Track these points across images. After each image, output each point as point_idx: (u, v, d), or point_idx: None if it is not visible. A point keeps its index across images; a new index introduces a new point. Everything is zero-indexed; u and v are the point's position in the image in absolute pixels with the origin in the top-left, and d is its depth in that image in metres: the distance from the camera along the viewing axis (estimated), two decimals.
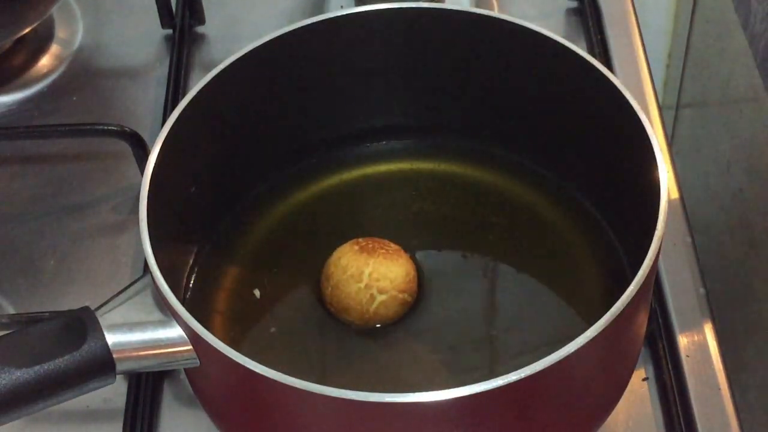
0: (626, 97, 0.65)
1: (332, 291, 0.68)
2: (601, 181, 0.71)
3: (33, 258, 0.80)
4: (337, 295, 0.68)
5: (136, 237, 0.80)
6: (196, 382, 0.65)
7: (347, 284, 0.67)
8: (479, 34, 0.71)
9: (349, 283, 0.67)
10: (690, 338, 0.74)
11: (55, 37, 0.96)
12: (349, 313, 0.68)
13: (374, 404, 0.54)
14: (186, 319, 0.58)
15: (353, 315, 0.68)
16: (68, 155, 0.87)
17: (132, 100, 0.91)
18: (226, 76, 0.68)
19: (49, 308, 0.76)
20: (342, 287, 0.67)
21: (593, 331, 0.55)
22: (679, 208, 0.81)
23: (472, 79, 0.74)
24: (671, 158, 0.84)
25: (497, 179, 0.76)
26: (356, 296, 0.67)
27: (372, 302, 0.67)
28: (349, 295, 0.67)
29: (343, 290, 0.67)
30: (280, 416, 0.59)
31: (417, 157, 0.77)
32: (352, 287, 0.67)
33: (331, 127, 0.76)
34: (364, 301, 0.67)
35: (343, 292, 0.67)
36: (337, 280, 0.68)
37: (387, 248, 0.69)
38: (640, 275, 0.57)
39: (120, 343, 0.59)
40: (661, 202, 0.61)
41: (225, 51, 0.89)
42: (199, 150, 0.69)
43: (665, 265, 0.77)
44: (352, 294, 0.67)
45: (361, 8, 0.71)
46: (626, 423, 0.70)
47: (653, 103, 0.88)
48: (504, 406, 0.57)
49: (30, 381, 0.57)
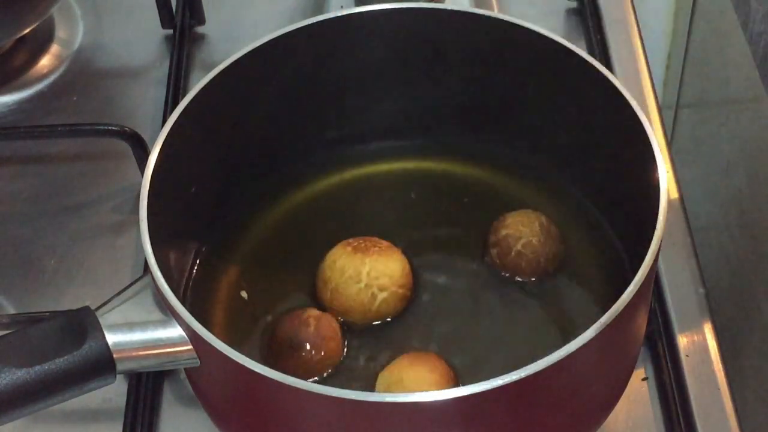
0: (626, 97, 0.65)
1: (332, 295, 0.68)
2: (601, 181, 0.71)
3: (33, 258, 0.80)
4: (338, 298, 0.68)
5: (136, 237, 0.80)
6: (196, 382, 0.65)
7: (347, 286, 0.67)
8: (479, 34, 0.71)
9: (349, 284, 0.67)
10: (690, 338, 0.74)
11: (55, 37, 0.96)
12: (351, 314, 0.68)
13: (374, 404, 0.54)
14: (186, 319, 0.58)
15: (355, 316, 0.68)
16: (68, 155, 0.87)
17: (132, 100, 0.91)
18: (226, 76, 0.68)
19: (49, 308, 0.76)
20: (342, 290, 0.67)
21: (593, 331, 0.55)
22: (679, 208, 0.81)
23: (471, 79, 0.74)
24: (671, 158, 0.84)
25: (497, 179, 0.76)
26: (357, 297, 0.67)
27: (374, 301, 0.67)
28: (350, 297, 0.67)
29: (343, 293, 0.67)
30: (280, 416, 0.59)
31: (417, 157, 0.77)
32: (353, 288, 0.67)
33: (331, 127, 0.76)
34: (366, 301, 0.67)
35: (344, 294, 0.67)
36: (336, 283, 0.68)
37: (379, 246, 0.69)
38: (640, 275, 0.57)
39: (120, 343, 0.59)
40: (661, 202, 0.61)
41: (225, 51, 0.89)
42: (199, 150, 0.69)
43: (665, 265, 0.77)
44: (353, 295, 0.67)
45: (361, 8, 0.71)
46: (626, 423, 0.70)
47: (653, 103, 0.88)
48: (504, 406, 0.57)
49: (30, 381, 0.57)
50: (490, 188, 0.75)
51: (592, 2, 0.94)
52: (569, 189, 0.74)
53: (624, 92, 0.65)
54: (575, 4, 0.95)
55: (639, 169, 0.64)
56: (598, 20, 0.93)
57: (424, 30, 0.72)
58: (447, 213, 0.75)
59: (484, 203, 0.74)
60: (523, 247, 0.69)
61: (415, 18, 0.71)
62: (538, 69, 0.71)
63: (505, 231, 0.69)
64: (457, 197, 0.75)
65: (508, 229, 0.69)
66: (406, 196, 0.76)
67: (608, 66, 0.89)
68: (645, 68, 0.91)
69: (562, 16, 0.95)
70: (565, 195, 0.74)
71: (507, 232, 0.69)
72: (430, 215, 0.75)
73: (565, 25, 0.94)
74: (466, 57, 0.73)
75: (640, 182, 0.64)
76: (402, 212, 0.75)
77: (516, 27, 0.70)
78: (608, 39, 0.92)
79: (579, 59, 0.68)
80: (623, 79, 0.77)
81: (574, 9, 0.95)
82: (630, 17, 0.95)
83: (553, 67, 0.70)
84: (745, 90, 1.04)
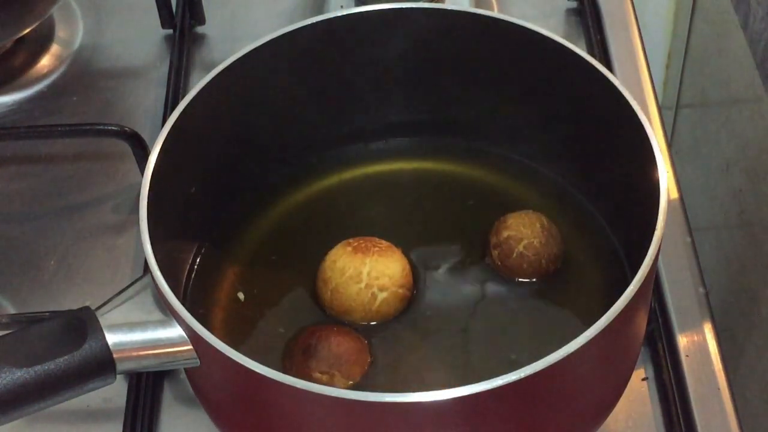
0: (626, 97, 0.65)
1: (332, 295, 0.68)
2: (601, 181, 0.71)
3: (33, 258, 0.80)
4: (338, 298, 0.68)
5: (136, 237, 0.80)
6: (196, 382, 0.65)
7: (347, 286, 0.67)
8: (479, 34, 0.71)
9: (349, 284, 0.67)
10: (690, 338, 0.74)
11: (55, 37, 0.96)
12: (351, 315, 0.68)
13: (374, 404, 0.54)
14: (186, 319, 0.58)
15: (356, 316, 0.68)
16: (68, 155, 0.87)
17: (132, 100, 0.91)
18: (226, 76, 0.68)
19: (49, 308, 0.76)
20: (342, 290, 0.67)
21: (593, 330, 0.55)
22: (679, 208, 0.81)
23: (471, 79, 0.74)
24: (671, 158, 0.84)
25: (497, 179, 0.76)
26: (357, 297, 0.67)
27: (374, 301, 0.67)
28: (351, 297, 0.67)
29: (343, 293, 0.67)
30: (280, 416, 0.59)
31: (417, 157, 0.77)
32: (353, 289, 0.67)
33: (331, 126, 0.76)
34: (366, 301, 0.67)
35: (344, 294, 0.67)
36: (336, 284, 0.68)
37: (379, 246, 0.69)
38: (639, 275, 0.57)
39: (120, 343, 0.59)
40: (661, 202, 0.61)
41: (225, 51, 0.89)
42: (199, 150, 0.69)
43: (665, 265, 0.77)
44: (353, 295, 0.67)
45: (361, 8, 0.71)
46: (626, 423, 0.70)
47: (653, 103, 0.88)
48: (504, 406, 0.57)
49: (30, 381, 0.57)
50: (490, 188, 0.75)
51: (592, 2, 0.94)
52: (569, 189, 0.74)
53: (624, 92, 0.65)
54: (575, 4, 0.95)
55: (639, 169, 0.64)
56: (598, 20, 0.93)
57: (424, 30, 0.72)
58: (447, 213, 0.75)
59: (484, 204, 0.74)
60: (524, 248, 0.69)
61: (415, 18, 0.71)
62: (538, 69, 0.71)
63: (507, 232, 0.69)
64: (457, 197, 0.75)
65: (510, 231, 0.69)
66: (406, 196, 0.76)
67: (608, 66, 0.89)
68: (645, 68, 0.91)
69: (562, 16, 0.95)
70: (565, 195, 0.74)
71: (508, 233, 0.69)
72: (430, 215, 0.75)
73: (565, 25, 0.94)
74: (465, 57, 0.73)
75: (640, 182, 0.64)
76: (402, 212, 0.75)
77: (516, 27, 0.70)
78: (608, 39, 0.92)
79: (579, 59, 0.68)
80: (623, 79, 0.77)
81: (574, 9, 0.95)
82: (630, 17, 0.95)
83: (553, 67, 0.70)
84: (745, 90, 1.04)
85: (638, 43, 0.93)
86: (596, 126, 0.69)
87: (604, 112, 0.68)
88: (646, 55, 0.92)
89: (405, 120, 0.77)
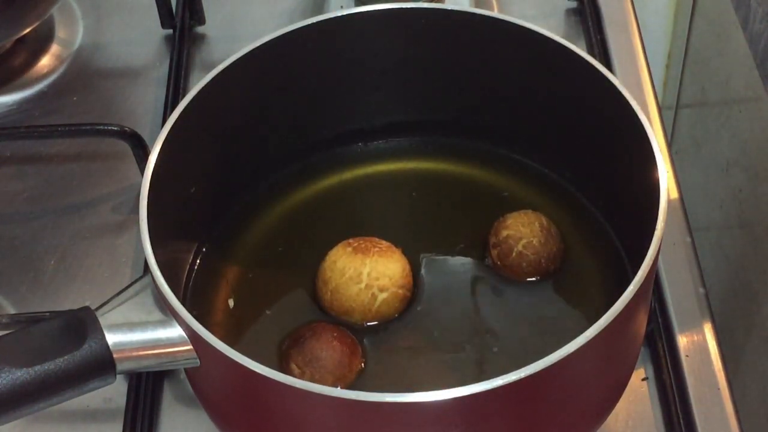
0: (626, 98, 0.65)
1: (332, 295, 0.68)
2: (601, 181, 0.71)
3: (33, 258, 0.80)
4: (338, 298, 0.68)
5: (136, 237, 0.80)
6: (196, 382, 0.65)
7: (347, 287, 0.67)
8: (479, 34, 0.71)
9: (349, 285, 0.67)
10: (690, 338, 0.74)
11: (55, 37, 0.96)
12: (351, 315, 0.68)
13: (374, 404, 0.54)
14: (186, 319, 0.58)
15: (355, 316, 0.68)
16: (68, 155, 0.87)
17: (132, 100, 0.91)
18: (226, 76, 0.68)
19: (49, 308, 0.76)
20: (342, 290, 0.67)
21: (593, 330, 0.55)
22: (679, 208, 0.81)
23: (471, 79, 0.74)
24: (671, 158, 0.84)
25: (497, 179, 0.76)
26: (357, 297, 0.67)
27: (374, 302, 0.67)
28: (351, 297, 0.67)
29: (343, 293, 0.67)
30: (280, 416, 0.59)
31: (417, 157, 0.77)
32: (353, 289, 0.67)
33: (331, 126, 0.76)
34: (366, 301, 0.67)
35: (344, 295, 0.67)
36: (336, 284, 0.68)
37: (380, 246, 0.69)
38: (639, 275, 0.57)
39: (120, 343, 0.59)
40: (661, 202, 0.61)
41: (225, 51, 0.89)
42: (199, 150, 0.69)
43: (665, 265, 0.77)
44: (353, 296, 0.67)
45: (361, 8, 0.71)
46: (626, 423, 0.70)
47: (653, 103, 0.88)
48: (504, 406, 0.57)
49: (30, 381, 0.57)
50: (490, 188, 0.75)
51: (592, 2, 0.94)
52: (569, 189, 0.74)
53: (624, 92, 0.65)
54: (575, 4, 0.95)
55: (639, 169, 0.64)
56: (598, 20, 0.93)
57: (424, 30, 0.72)
58: (447, 213, 0.75)
59: (484, 203, 0.75)
60: (524, 248, 0.69)
61: (415, 18, 0.72)
62: (538, 69, 0.71)
63: (506, 232, 0.69)
64: (457, 197, 0.75)
65: (509, 230, 0.69)
66: (406, 196, 0.76)
67: (608, 66, 0.89)
68: (645, 68, 0.91)
69: (562, 16, 0.95)
70: (565, 195, 0.74)
71: (508, 233, 0.69)
72: (430, 215, 0.75)
73: (565, 25, 0.94)
74: (465, 57, 0.73)
75: (640, 182, 0.64)
76: (402, 212, 0.75)
77: (516, 27, 0.70)
78: (608, 39, 0.92)
79: (579, 59, 0.68)
80: (623, 79, 0.77)
81: (574, 9, 0.95)
82: (630, 17, 0.95)
83: (553, 67, 0.70)
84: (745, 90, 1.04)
85: (638, 43, 0.93)
86: (596, 126, 0.69)
87: (604, 112, 0.68)
88: (646, 55, 0.92)
89: (405, 120, 0.77)
